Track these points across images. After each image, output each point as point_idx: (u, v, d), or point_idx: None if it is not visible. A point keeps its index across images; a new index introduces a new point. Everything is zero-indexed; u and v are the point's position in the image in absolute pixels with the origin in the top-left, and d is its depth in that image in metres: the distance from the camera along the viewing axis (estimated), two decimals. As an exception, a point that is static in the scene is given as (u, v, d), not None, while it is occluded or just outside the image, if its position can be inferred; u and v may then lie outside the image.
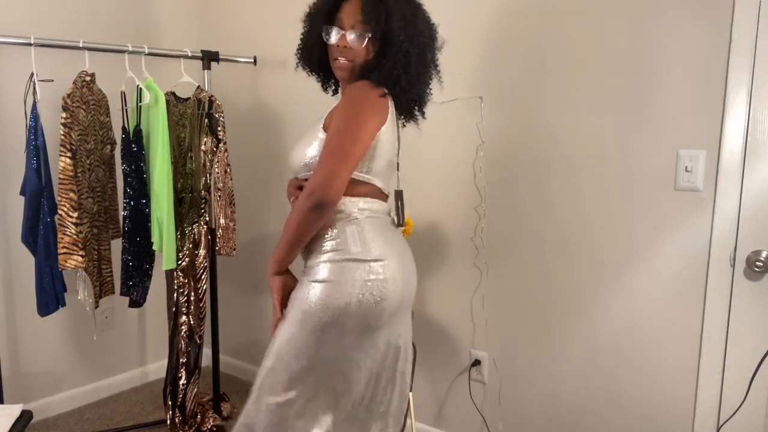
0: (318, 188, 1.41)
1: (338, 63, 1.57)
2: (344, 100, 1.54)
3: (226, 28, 3.02)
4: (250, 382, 1.69)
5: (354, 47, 1.54)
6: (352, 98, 1.52)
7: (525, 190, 2.13)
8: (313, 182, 1.43)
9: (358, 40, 1.53)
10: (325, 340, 1.51)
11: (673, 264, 1.85)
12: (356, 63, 1.56)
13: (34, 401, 2.63)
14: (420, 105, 1.67)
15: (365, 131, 1.49)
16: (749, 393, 1.72)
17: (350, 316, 1.49)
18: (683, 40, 1.77)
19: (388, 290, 1.51)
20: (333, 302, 1.48)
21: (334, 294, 1.49)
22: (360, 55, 1.55)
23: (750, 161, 1.70)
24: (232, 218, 2.54)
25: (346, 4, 1.55)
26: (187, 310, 2.50)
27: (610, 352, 2.00)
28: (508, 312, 2.22)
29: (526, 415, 2.22)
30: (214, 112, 2.41)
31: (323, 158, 1.46)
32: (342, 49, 1.55)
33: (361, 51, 1.54)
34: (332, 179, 1.42)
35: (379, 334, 1.57)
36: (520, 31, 2.08)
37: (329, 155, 1.45)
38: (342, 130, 1.46)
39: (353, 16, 1.53)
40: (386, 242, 1.56)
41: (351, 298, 1.48)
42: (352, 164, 1.47)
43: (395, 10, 1.50)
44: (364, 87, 1.52)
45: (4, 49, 2.30)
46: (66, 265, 2.12)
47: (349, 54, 1.55)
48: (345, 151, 1.45)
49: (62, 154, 2.13)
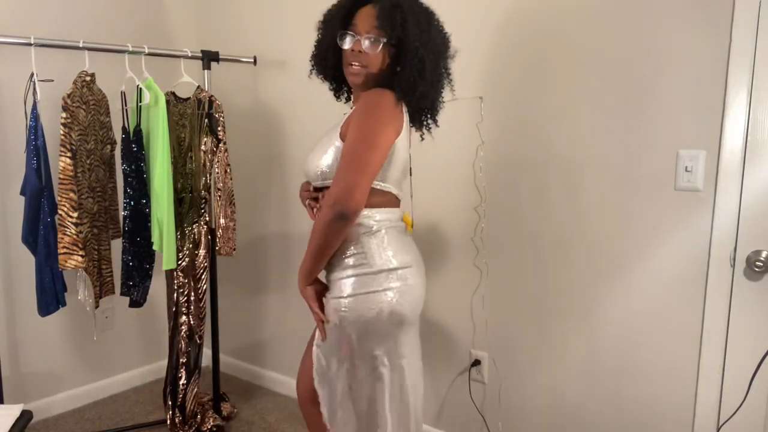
0: (340, 199, 1.42)
1: (352, 69, 1.57)
2: (360, 108, 1.53)
3: (226, 28, 3.02)
4: (250, 382, 1.69)
5: (369, 53, 1.54)
6: (369, 106, 1.52)
7: (525, 190, 2.13)
8: (334, 193, 1.44)
9: (373, 46, 1.53)
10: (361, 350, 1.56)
11: (673, 264, 1.85)
12: (370, 69, 1.56)
13: (34, 401, 2.63)
14: (433, 113, 1.68)
15: (383, 140, 1.49)
16: (749, 393, 1.72)
17: (383, 323, 1.53)
18: (683, 40, 1.77)
19: (415, 295, 1.59)
20: (364, 314, 1.52)
21: (363, 306, 1.52)
22: (374, 62, 1.55)
23: (750, 161, 1.70)
24: (232, 218, 2.54)
25: (361, 10, 1.56)
26: (187, 310, 2.50)
27: (610, 352, 2.00)
28: (508, 312, 2.22)
29: (526, 415, 2.22)
30: (214, 112, 2.41)
31: (343, 168, 1.46)
32: (357, 54, 1.55)
33: (376, 57, 1.55)
34: (353, 189, 1.42)
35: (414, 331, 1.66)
36: (521, 31, 2.08)
37: (349, 165, 1.45)
38: (360, 139, 1.47)
39: (368, 22, 1.54)
40: (407, 250, 1.61)
41: (381, 305, 1.52)
42: (372, 173, 1.48)
43: (411, 17, 1.52)
44: (380, 94, 1.52)
45: (4, 49, 2.30)
46: (66, 265, 2.12)
47: (364, 59, 1.55)
48: (364, 160, 1.45)
49: (62, 154, 2.13)
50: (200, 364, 2.60)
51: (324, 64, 1.68)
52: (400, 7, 1.52)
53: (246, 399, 2.92)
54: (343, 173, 1.45)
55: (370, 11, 1.54)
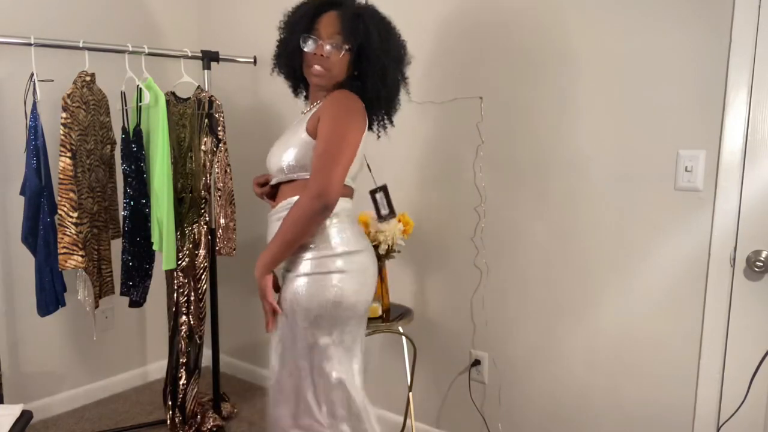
0: (323, 192, 1.51)
1: (314, 70, 1.65)
2: (331, 107, 1.61)
3: (226, 28, 3.02)
4: (250, 382, 1.70)
5: (331, 57, 1.62)
6: (340, 105, 1.61)
7: (525, 189, 2.13)
8: (317, 186, 1.51)
9: (336, 51, 1.62)
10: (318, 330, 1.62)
11: (673, 264, 1.85)
12: (332, 72, 1.65)
13: (34, 401, 2.63)
14: (389, 115, 1.79)
15: (356, 135, 1.61)
16: (749, 393, 1.72)
17: (340, 307, 1.60)
18: (683, 40, 1.77)
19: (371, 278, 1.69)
20: (321, 294, 1.59)
21: (321, 286, 1.59)
22: (336, 66, 1.64)
23: (750, 161, 1.70)
24: (232, 218, 2.54)
25: (324, 15, 1.64)
26: (187, 310, 2.50)
27: (610, 352, 2.00)
28: (508, 312, 2.22)
29: (526, 415, 2.22)
30: (214, 112, 2.41)
31: (323, 162, 1.53)
32: (319, 58, 1.63)
33: (338, 62, 1.64)
34: (335, 182, 1.52)
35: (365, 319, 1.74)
36: (521, 31, 2.08)
37: (329, 159, 1.53)
38: (337, 135, 1.56)
39: (331, 28, 1.62)
40: (362, 236, 1.73)
41: (340, 288, 1.60)
42: (348, 167, 1.58)
43: (372, 25, 1.62)
44: (347, 95, 1.64)
45: (4, 49, 2.30)
46: (66, 265, 2.12)
47: (326, 63, 1.63)
48: (342, 154, 1.55)
49: (62, 154, 2.13)
50: (200, 364, 2.60)
51: (288, 64, 1.76)
52: (362, 16, 1.62)
53: (246, 399, 2.92)
54: (324, 167, 1.52)
55: (334, 18, 1.63)
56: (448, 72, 2.27)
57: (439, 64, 2.27)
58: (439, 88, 2.28)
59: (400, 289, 2.45)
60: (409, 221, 2.17)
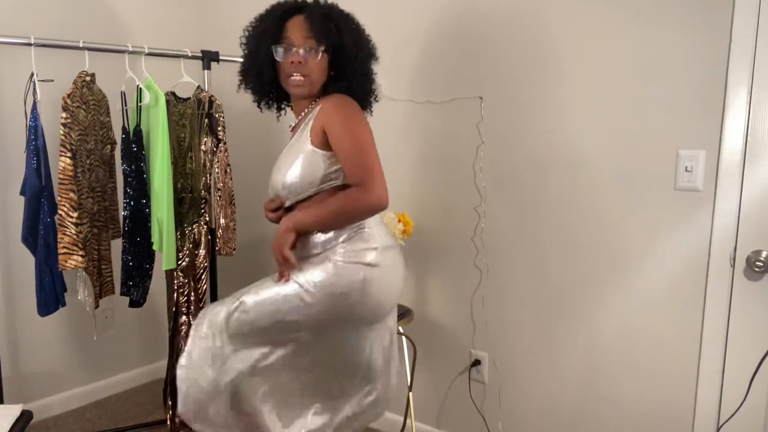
0: (383, 196, 1.50)
1: (293, 80, 1.61)
2: (335, 113, 1.57)
3: (226, 28, 3.01)
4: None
5: (308, 62, 1.58)
6: (347, 108, 1.59)
7: (525, 190, 2.13)
8: (378, 189, 1.50)
9: (312, 55, 1.58)
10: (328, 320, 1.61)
11: (673, 264, 1.85)
12: (311, 78, 1.61)
13: (34, 401, 2.62)
14: (371, 108, 1.78)
15: (372, 136, 1.58)
16: (749, 393, 1.72)
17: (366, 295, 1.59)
18: (683, 40, 1.77)
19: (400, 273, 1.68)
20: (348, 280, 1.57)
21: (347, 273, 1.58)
22: (314, 70, 1.60)
23: (750, 161, 1.70)
24: (232, 218, 2.54)
25: (290, 21, 1.60)
26: (187, 310, 2.50)
27: (610, 352, 2.00)
28: (508, 312, 2.22)
29: (526, 415, 2.22)
30: (214, 112, 2.41)
31: (368, 163, 1.51)
32: (297, 65, 1.58)
33: (317, 65, 1.60)
34: (385, 184, 1.52)
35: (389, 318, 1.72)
36: (521, 31, 2.08)
37: (372, 160, 1.51)
38: (364, 137, 1.55)
39: (301, 33, 1.58)
40: (390, 233, 1.73)
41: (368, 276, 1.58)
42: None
43: (342, 24, 1.60)
44: (344, 98, 1.61)
45: (4, 49, 2.29)
46: (66, 265, 2.12)
47: (304, 69, 1.59)
48: (376, 156, 1.54)
49: (62, 154, 2.13)
50: (200, 364, 2.59)
51: (257, 78, 1.70)
52: (330, 16, 1.59)
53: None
54: (373, 168, 1.51)
55: (302, 22, 1.59)
56: (447, 72, 2.27)
57: (439, 64, 2.27)
58: (439, 88, 2.28)
59: (400, 289, 2.45)
60: (409, 221, 2.17)
